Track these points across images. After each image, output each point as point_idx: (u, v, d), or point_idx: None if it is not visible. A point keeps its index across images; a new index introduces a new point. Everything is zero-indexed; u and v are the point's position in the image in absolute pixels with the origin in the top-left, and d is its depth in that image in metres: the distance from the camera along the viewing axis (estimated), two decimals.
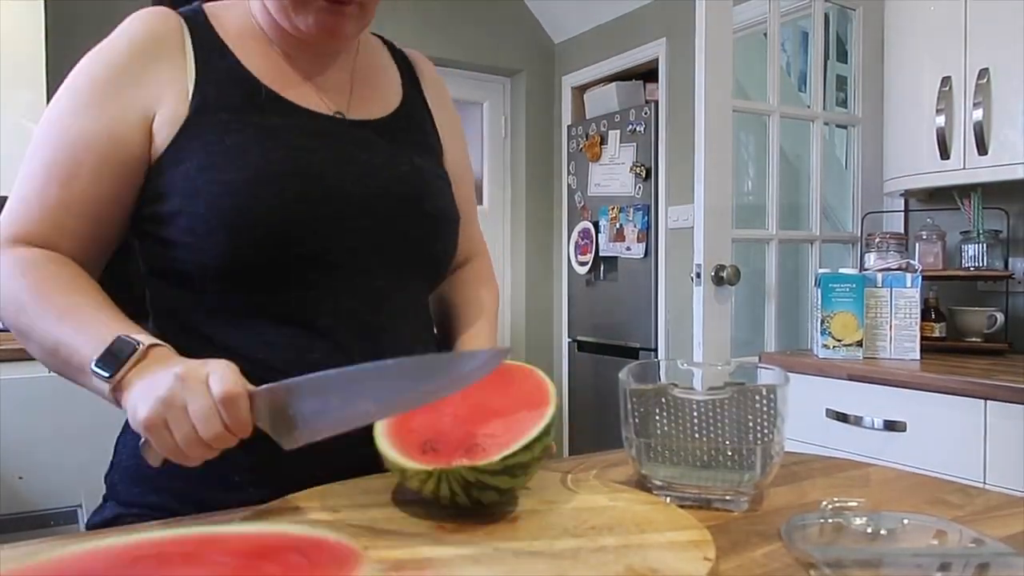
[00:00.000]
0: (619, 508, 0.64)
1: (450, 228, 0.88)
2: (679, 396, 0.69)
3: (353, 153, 0.80)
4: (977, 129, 1.86)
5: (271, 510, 0.64)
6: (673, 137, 3.15)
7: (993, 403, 1.55)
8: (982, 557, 0.60)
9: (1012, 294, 2.05)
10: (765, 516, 0.68)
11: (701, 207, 2.04)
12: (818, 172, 2.36)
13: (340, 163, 0.78)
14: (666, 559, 0.53)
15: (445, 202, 0.87)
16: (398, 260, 0.82)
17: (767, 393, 0.68)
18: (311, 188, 0.75)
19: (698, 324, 2.06)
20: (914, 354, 1.88)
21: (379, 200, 0.79)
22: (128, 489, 0.78)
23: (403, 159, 0.84)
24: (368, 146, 0.82)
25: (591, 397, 3.58)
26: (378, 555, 0.54)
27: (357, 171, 0.79)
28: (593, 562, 0.53)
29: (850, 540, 0.61)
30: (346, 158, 0.79)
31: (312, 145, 0.78)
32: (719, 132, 2.05)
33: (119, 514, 0.77)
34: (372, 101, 0.86)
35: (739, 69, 2.35)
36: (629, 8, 3.38)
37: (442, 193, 0.87)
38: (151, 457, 0.63)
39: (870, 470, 0.85)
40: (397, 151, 0.84)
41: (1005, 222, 2.06)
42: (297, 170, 0.75)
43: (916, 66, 2.05)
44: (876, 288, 1.91)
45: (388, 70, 0.92)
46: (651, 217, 3.23)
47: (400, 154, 0.84)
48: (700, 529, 0.59)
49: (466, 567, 0.53)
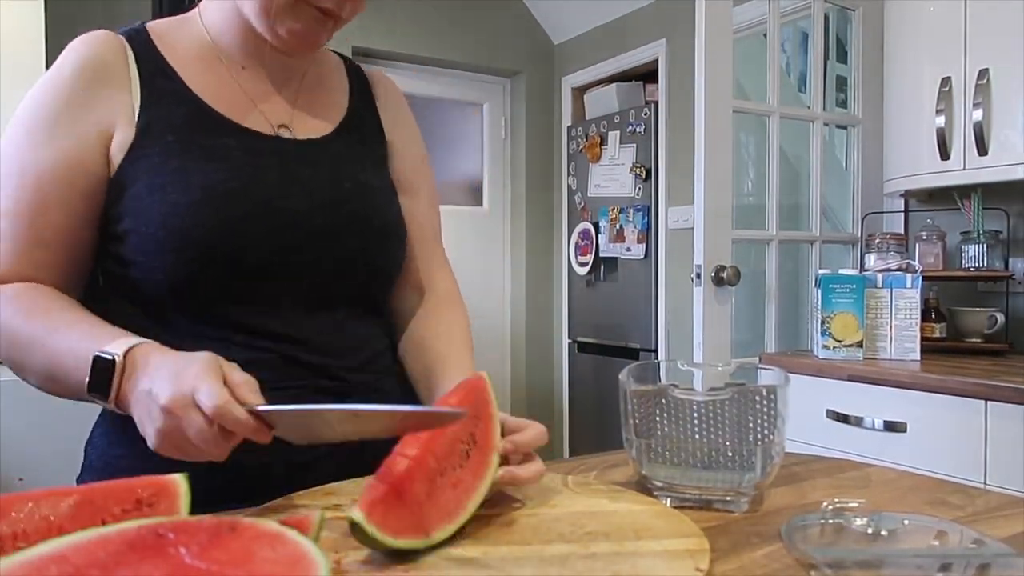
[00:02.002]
0: (619, 513, 0.64)
1: (394, 241, 0.88)
2: (679, 397, 0.69)
3: (296, 171, 0.81)
4: (977, 129, 1.86)
5: (274, 508, 0.64)
6: (673, 138, 3.15)
7: (993, 403, 1.55)
8: (983, 558, 0.60)
9: (1012, 294, 2.05)
10: (765, 517, 0.68)
11: (701, 208, 2.04)
12: (818, 173, 2.36)
13: (283, 182, 0.79)
14: (657, 567, 0.53)
15: (390, 216, 0.88)
16: (344, 274, 0.82)
17: (767, 394, 0.68)
18: (255, 207, 0.76)
19: (698, 325, 2.06)
20: (914, 355, 1.88)
21: (322, 217, 0.80)
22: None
23: (346, 175, 0.84)
24: (311, 163, 0.82)
25: (591, 398, 3.58)
26: (367, 555, 0.55)
27: (300, 189, 0.80)
28: (580, 568, 0.53)
29: (851, 541, 0.61)
30: (289, 177, 0.80)
31: (255, 164, 0.79)
32: (719, 133, 2.05)
33: None
34: (316, 116, 0.87)
35: (739, 69, 2.35)
36: (629, 8, 3.38)
37: (387, 208, 0.88)
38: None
39: (870, 471, 0.85)
40: (340, 167, 0.84)
41: (1005, 222, 2.06)
42: (241, 190, 0.76)
43: (916, 66, 2.05)
44: (876, 289, 1.91)
45: (336, 84, 0.92)
46: (651, 218, 3.23)
47: (343, 170, 0.84)
48: (699, 537, 0.59)
49: (451, 569, 0.53)
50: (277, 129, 0.83)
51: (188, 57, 0.82)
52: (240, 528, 0.48)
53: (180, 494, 0.58)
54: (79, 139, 0.75)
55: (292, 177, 0.80)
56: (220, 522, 0.49)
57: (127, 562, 0.45)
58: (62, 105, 0.75)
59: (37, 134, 0.75)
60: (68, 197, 0.75)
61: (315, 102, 0.88)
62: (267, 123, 0.82)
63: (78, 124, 0.75)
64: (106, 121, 0.76)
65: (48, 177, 0.74)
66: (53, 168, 0.74)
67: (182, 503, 0.58)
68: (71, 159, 0.75)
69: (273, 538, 0.48)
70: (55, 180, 0.74)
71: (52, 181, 0.74)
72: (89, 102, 0.76)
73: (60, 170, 0.74)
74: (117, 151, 0.76)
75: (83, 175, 0.75)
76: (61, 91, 0.76)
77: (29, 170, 0.74)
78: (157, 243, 0.74)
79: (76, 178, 0.75)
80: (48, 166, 0.74)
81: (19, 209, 0.74)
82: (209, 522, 0.49)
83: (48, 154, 0.74)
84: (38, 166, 0.74)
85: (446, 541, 0.57)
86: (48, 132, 0.75)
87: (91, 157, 0.75)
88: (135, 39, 0.81)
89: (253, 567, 0.45)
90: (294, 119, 0.85)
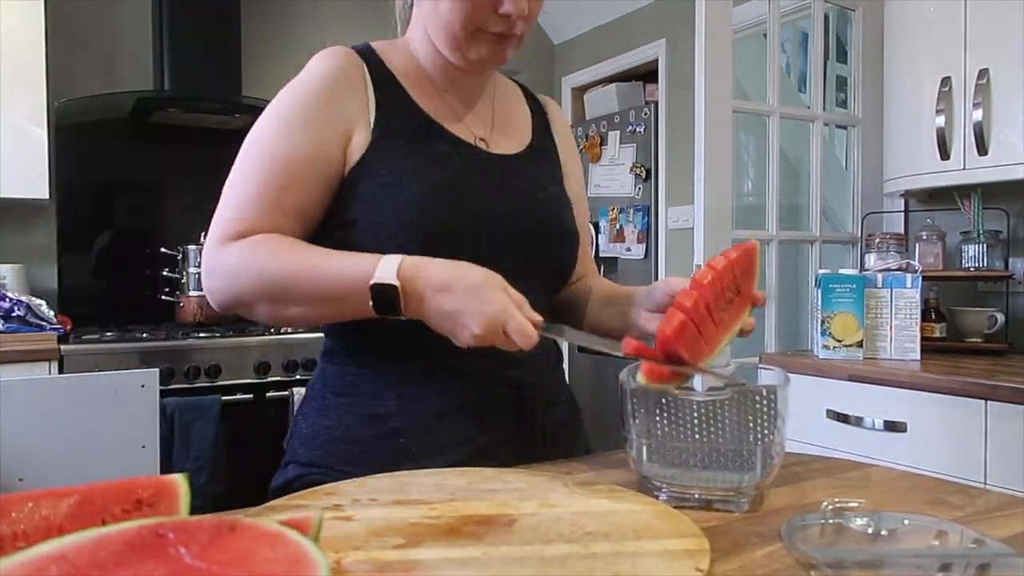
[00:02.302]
0: (620, 513, 0.64)
1: (574, 246, 1.01)
2: (680, 397, 0.69)
3: (503, 180, 0.93)
4: (977, 129, 1.86)
5: (274, 508, 0.65)
6: (673, 138, 3.15)
7: (993, 403, 1.55)
8: (983, 558, 0.60)
9: (1012, 294, 2.05)
10: (765, 517, 0.68)
11: (701, 208, 2.04)
12: (818, 172, 2.36)
13: (494, 188, 0.92)
14: (657, 568, 0.53)
15: (572, 225, 1.01)
16: (533, 270, 0.93)
17: (767, 393, 0.68)
18: (474, 205, 0.89)
19: None
20: (914, 354, 1.88)
21: (523, 220, 0.93)
22: (308, 452, 0.90)
23: (539, 187, 0.97)
24: (514, 174, 0.95)
25: (591, 398, 3.58)
26: (367, 555, 0.55)
27: (507, 196, 0.92)
28: (581, 569, 0.53)
29: (851, 541, 0.61)
30: (498, 184, 0.92)
31: (472, 170, 0.91)
32: (719, 132, 2.05)
33: (300, 474, 0.89)
34: (509, 135, 1.00)
35: (739, 69, 2.35)
36: (629, 9, 3.38)
37: (570, 218, 1.01)
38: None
39: (870, 471, 0.85)
40: (535, 180, 0.98)
41: (1005, 222, 2.06)
42: (464, 190, 0.89)
43: (916, 66, 2.05)
44: (876, 289, 1.91)
45: (518, 108, 1.05)
46: (651, 218, 3.24)
47: (538, 183, 0.98)
48: (699, 538, 0.59)
49: (451, 569, 0.53)
50: (477, 142, 0.95)
51: (406, 74, 0.94)
52: (240, 528, 0.48)
53: (180, 494, 0.58)
54: (326, 134, 0.87)
55: (500, 184, 0.93)
56: (220, 522, 0.49)
57: (127, 562, 0.45)
58: (314, 103, 0.87)
59: (292, 122, 0.87)
60: (311, 181, 0.86)
61: (506, 123, 1.01)
62: (472, 135, 0.95)
63: (326, 122, 0.87)
64: (349, 123, 0.88)
65: (298, 162, 0.86)
66: (303, 155, 0.86)
67: (182, 503, 0.58)
68: (319, 150, 0.86)
69: (273, 538, 0.48)
70: (303, 165, 0.86)
71: (301, 165, 0.86)
72: (336, 105, 0.88)
73: (309, 158, 0.86)
74: (355, 150, 0.88)
75: (326, 164, 0.87)
76: (313, 93, 0.88)
77: (282, 153, 0.85)
78: (387, 231, 0.85)
79: (320, 168, 0.87)
80: (300, 153, 0.86)
81: (272, 181, 0.85)
82: (209, 522, 0.49)
83: (300, 142, 0.86)
84: (291, 151, 0.85)
85: (449, 543, 0.57)
86: (302, 124, 0.86)
87: (334, 151, 0.87)
88: (367, 55, 0.93)
89: (253, 567, 0.45)
90: (491, 136, 0.98)
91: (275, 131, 0.87)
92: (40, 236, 2.76)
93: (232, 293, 0.84)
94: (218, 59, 2.76)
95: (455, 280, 0.75)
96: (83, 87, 2.78)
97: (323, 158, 0.86)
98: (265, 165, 0.85)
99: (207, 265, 0.85)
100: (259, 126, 0.88)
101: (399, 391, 0.89)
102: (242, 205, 0.85)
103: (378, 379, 0.90)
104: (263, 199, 0.85)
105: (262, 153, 0.86)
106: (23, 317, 2.45)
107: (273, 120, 0.88)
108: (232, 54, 2.80)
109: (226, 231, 0.84)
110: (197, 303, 2.63)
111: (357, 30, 3.22)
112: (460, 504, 0.65)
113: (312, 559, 0.45)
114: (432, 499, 0.66)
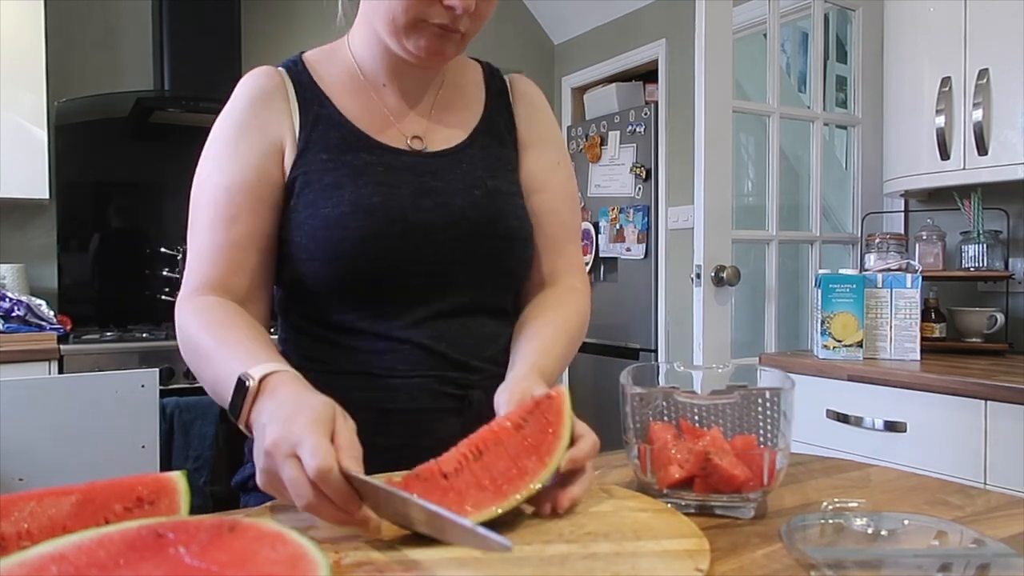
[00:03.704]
0: (619, 513, 0.64)
1: (521, 245, 0.93)
2: (681, 400, 0.69)
3: (430, 184, 0.89)
4: (977, 129, 1.86)
5: (277, 507, 0.65)
6: (673, 138, 3.15)
7: (993, 403, 1.55)
8: (983, 558, 0.60)
9: (1012, 294, 2.05)
10: (765, 517, 0.67)
11: (701, 208, 2.04)
12: (818, 173, 2.35)
13: (418, 195, 0.87)
14: (656, 568, 0.53)
15: (517, 221, 0.93)
16: (474, 278, 0.90)
17: (771, 397, 0.68)
18: (394, 219, 0.85)
19: (698, 325, 2.06)
20: (914, 355, 1.88)
21: (454, 227, 0.87)
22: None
23: (477, 184, 0.91)
24: (443, 176, 0.90)
25: (591, 398, 3.58)
26: (367, 555, 0.55)
27: (433, 202, 0.87)
28: (580, 569, 0.53)
29: (851, 541, 0.61)
30: (424, 189, 0.88)
31: (394, 179, 0.87)
32: (719, 132, 2.05)
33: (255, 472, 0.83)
34: (450, 125, 0.94)
35: (739, 69, 2.35)
36: (629, 9, 3.38)
37: (513, 213, 0.93)
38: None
39: (870, 471, 0.85)
40: (471, 176, 0.91)
41: (1005, 222, 2.06)
42: (382, 204, 0.85)
43: (916, 66, 2.05)
44: (876, 289, 1.91)
45: (472, 92, 0.98)
46: (651, 218, 3.23)
47: (474, 179, 0.91)
48: (699, 538, 0.58)
49: (451, 569, 0.53)
50: (411, 142, 0.91)
51: (337, 81, 0.92)
52: (240, 528, 0.48)
53: (180, 492, 0.58)
54: (259, 153, 0.86)
55: (425, 190, 0.88)
56: (220, 522, 0.49)
57: (127, 562, 0.45)
58: (239, 128, 0.87)
59: (222, 156, 0.86)
60: (255, 205, 0.85)
61: (450, 112, 0.95)
62: (402, 138, 0.91)
63: (255, 141, 0.86)
64: (278, 140, 0.87)
65: (236, 189, 0.84)
66: (242, 180, 0.84)
67: (182, 501, 0.58)
68: (256, 169, 0.85)
69: (273, 538, 0.48)
70: (242, 191, 0.84)
71: (240, 192, 0.84)
72: (261, 124, 0.87)
73: (248, 181, 0.85)
74: (286, 168, 0.87)
75: (267, 184, 0.85)
76: (236, 118, 0.87)
77: (220, 185, 0.84)
78: (308, 252, 0.84)
79: (261, 187, 0.85)
80: (237, 179, 0.84)
81: (216, 219, 0.84)
82: (209, 522, 0.49)
83: (235, 168, 0.85)
84: (228, 179, 0.84)
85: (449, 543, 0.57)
86: (232, 151, 0.86)
87: (271, 168, 0.86)
88: (293, 70, 0.92)
89: (253, 567, 0.45)
90: (428, 131, 0.93)
91: (210, 171, 0.86)
92: (40, 236, 2.76)
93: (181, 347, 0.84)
94: (218, 59, 2.76)
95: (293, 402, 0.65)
96: (83, 87, 2.78)
97: (263, 180, 0.85)
98: (208, 205, 0.85)
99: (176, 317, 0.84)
100: (198, 171, 0.88)
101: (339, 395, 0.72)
102: (199, 250, 0.85)
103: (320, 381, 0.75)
104: (214, 244, 0.84)
105: (204, 191, 0.86)
106: (23, 317, 2.45)
107: (207, 161, 0.87)
108: (232, 54, 2.80)
109: (187, 288, 0.84)
110: None
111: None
112: None
113: (312, 559, 0.45)
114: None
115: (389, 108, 0.92)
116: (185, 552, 0.46)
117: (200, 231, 0.85)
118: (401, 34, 0.85)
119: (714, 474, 0.65)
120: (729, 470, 0.65)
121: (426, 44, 0.85)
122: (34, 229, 2.75)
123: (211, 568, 0.45)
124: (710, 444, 0.65)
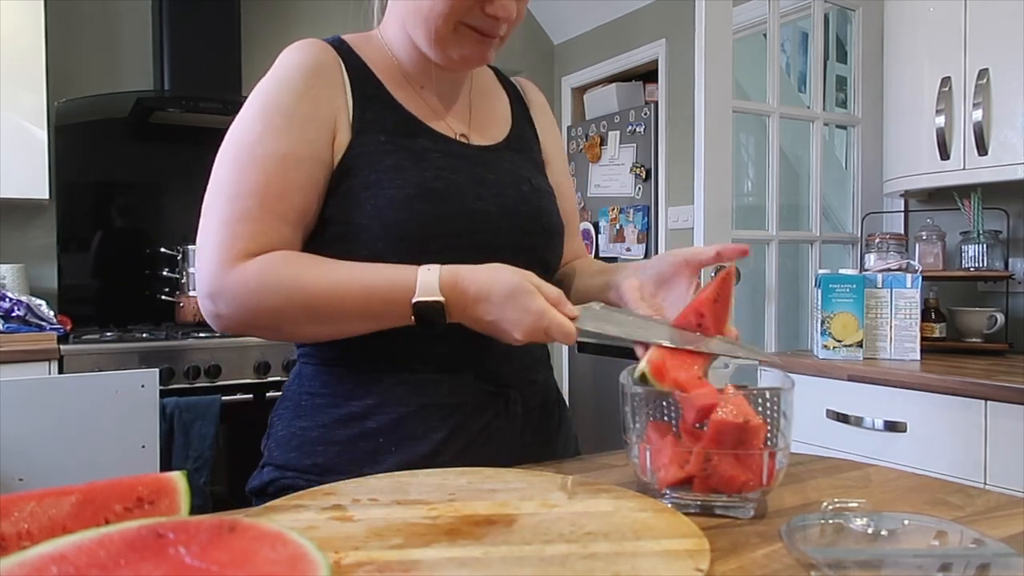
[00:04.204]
0: (619, 513, 0.64)
1: (559, 239, 0.99)
2: (680, 400, 0.69)
3: (484, 175, 0.90)
4: (977, 129, 1.86)
5: (277, 507, 0.64)
6: (673, 138, 3.15)
7: (993, 403, 1.55)
8: (983, 558, 0.60)
9: (1012, 294, 2.06)
10: (765, 517, 0.67)
11: (701, 208, 2.04)
12: (818, 173, 2.36)
13: (475, 183, 0.89)
14: (657, 568, 0.53)
15: (556, 217, 0.98)
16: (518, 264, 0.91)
17: (771, 396, 0.68)
18: (456, 204, 0.86)
19: None
20: (914, 355, 1.88)
21: (507, 216, 0.90)
22: (284, 455, 0.88)
23: (523, 180, 0.94)
24: (494, 168, 0.92)
25: (591, 398, 3.58)
26: (367, 555, 0.55)
27: (488, 191, 0.89)
28: (581, 568, 0.53)
29: (851, 541, 0.61)
30: (479, 179, 0.90)
31: (452, 166, 0.88)
32: (719, 132, 2.05)
33: (275, 478, 0.87)
34: (488, 126, 0.97)
35: (739, 69, 2.35)
36: (629, 9, 3.38)
37: (553, 209, 0.98)
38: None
39: (870, 471, 0.85)
40: (517, 172, 0.95)
41: (1005, 222, 2.06)
42: (446, 188, 0.86)
43: (916, 66, 2.05)
44: (876, 289, 1.91)
45: (498, 96, 1.02)
46: (651, 218, 3.23)
47: (519, 175, 0.94)
48: (699, 538, 0.58)
49: (451, 569, 0.53)
50: (458, 137, 0.92)
51: (383, 70, 0.91)
52: (240, 528, 0.48)
53: (180, 492, 0.58)
54: (314, 130, 0.83)
55: (481, 180, 0.89)
56: (220, 522, 0.49)
57: (127, 562, 0.45)
58: (296, 97, 0.83)
59: (275, 123, 0.82)
60: (307, 184, 0.82)
61: (484, 115, 0.98)
62: (451, 131, 0.92)
63: (311, 117, 0.83)
64: (332, 118, 0.85)
65: (292, 160, 0.81)
66: (295, 155, 0.82)
67: (182, 501, 0.58)
68: (310, 144, 0.82)
69: (273, 538, 0.48)
70: (298, 168, 0.82)
71: (296, 168, 0.82)
72: (317, 99, 0.84)
73: (302, 155, 0.82)
74: (338, 148, 0.85)
75: (319, 163, 0.83)
76: (293, 87, 0.83)
77: (274, 153, 0.81)
78: (370, 232, 0.82)
79: (314, 169, 0.83)
80: (293, 151, 0.81)
81: (268, 191, 0.80)
82: (209, 522, 0.49)
83: (291, 139, 0.81)
84: (283, 149, 0.81)
85: (449, 543, 0.57)
86: (286, 121, 0.82)
87: (325, 152, 0.84)
88: (341, 49, 0.89)
89: (253, 567, 0.45)
90: (470, 129, 0.95)
91: (260, 136, 0.81)
92: (40, 236, 2.76)
93: (250, 312, 0.79)
94: (218, 59, 2.76)
95: (490, 288, 0.75)
96: (83, 87, 2.78)
97: (315, 157, 0.83)
98: (258, 171, 0.80)
99: (212, 288, 0.79)
100: (240, 130, 0.83)
101: (376, 390, 0.87)
102: (243, 219, 0.79)
103: (354, 378, 0.87)
104: (264, 210, 0.80)
105: (252, 159, 0.81)
106: (23, 317, 2.45)
107: (256, 124, 0.82)
108: (232, 54, 2.80)
109: (233, 250, 0.79)
110: (197, 303, 2.63)
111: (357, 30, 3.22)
112: (460, 504, 0.65)
113: (312, 559, 0.45)
114: (432, 499, 0.66)
115: (431, 104, 0.93)
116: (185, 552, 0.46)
117: (245, 194, 0.80)
118: (443, 42, 0.85)
119: (714, 474, 0.65)
120: (729, 470, 0.65)
121: (469, 52, 0.87)
122: (34, 229, 2.75)
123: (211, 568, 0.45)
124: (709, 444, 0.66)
